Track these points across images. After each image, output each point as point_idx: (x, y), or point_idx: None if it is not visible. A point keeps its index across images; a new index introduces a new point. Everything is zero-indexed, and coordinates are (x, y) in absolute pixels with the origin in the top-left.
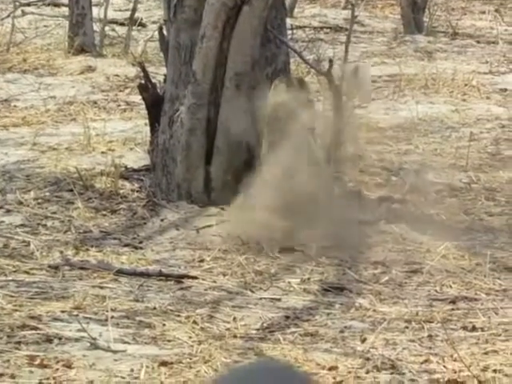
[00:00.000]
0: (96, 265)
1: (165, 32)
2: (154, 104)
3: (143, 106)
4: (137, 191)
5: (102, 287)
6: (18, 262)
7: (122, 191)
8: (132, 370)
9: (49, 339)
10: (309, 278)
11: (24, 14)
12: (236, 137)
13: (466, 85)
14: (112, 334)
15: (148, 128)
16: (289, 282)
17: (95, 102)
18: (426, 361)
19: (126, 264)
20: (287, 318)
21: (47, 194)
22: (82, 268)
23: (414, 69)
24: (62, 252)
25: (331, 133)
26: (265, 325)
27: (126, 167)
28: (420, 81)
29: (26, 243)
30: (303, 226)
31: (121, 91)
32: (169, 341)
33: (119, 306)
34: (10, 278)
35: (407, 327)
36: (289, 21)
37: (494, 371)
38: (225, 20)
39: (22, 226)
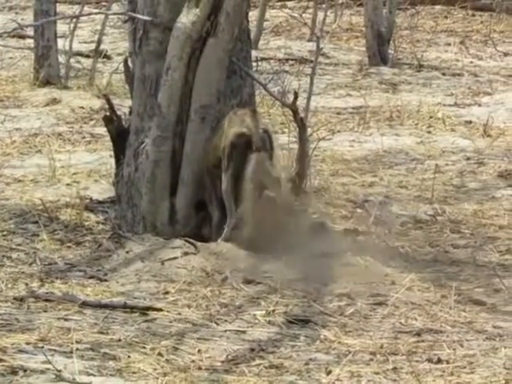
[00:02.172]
0: (61, 297)
1: (130, 64)
2: (119, 136)
3: (108, 138)
4: (102, 223)
5: (66, 319)
6: None
7: (87, 223)
8: None
9: (14, 371)
10: (274, 310)
11: None
12: (201, 169)
13: (431, 117)
14: (77, 366)
15: (113, 160)
16: (254, 315)
17: (60, 134)
18: None
19: (90, 296)
20: (252, 350)
21: (12, 225)
22: (46, 300)
23: (379, 101)
24: (27, 284)
25: (296, 165)
26: (230, 357)
27: (91, 199)
28: (385, 113)
29: None
30: (268, 258)
31: (86, 123)
32: (134, 372)
33: (84, 337)
34: None
35: (372, 359)
36: (254, 53)
37: None
38: (190, 52)
39: None
